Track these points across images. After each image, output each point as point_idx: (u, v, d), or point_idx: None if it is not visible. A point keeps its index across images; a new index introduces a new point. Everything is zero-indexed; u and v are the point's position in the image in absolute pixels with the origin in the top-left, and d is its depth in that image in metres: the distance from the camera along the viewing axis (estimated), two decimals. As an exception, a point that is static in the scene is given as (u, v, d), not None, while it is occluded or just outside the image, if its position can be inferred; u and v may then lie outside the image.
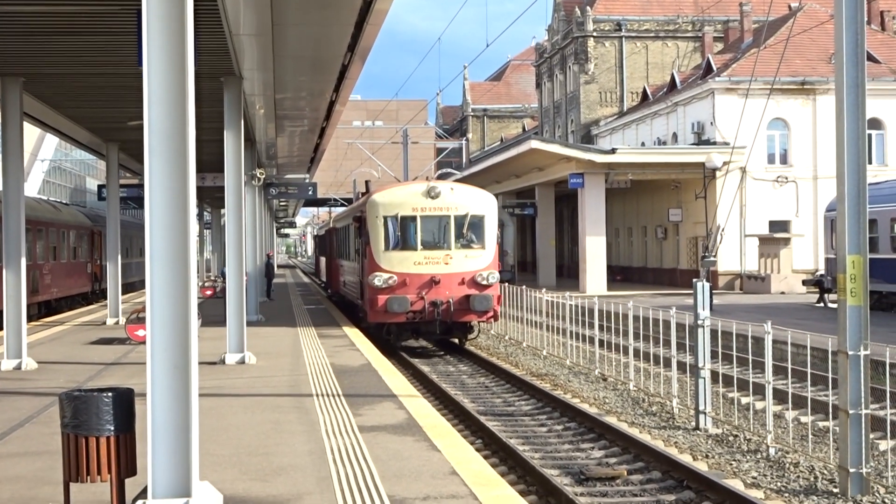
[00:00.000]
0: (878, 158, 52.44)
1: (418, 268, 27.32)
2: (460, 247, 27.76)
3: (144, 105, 8.77)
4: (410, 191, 28.69)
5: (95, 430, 8.81)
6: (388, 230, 27.91)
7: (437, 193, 27.89)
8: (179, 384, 8.80)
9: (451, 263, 27.44)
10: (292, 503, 9.73)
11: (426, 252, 27.56)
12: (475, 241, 28.04)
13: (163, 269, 8.85)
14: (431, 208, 27.79)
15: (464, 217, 27.89)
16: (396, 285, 27.13)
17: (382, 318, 27.39)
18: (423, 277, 27.18)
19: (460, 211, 27.93)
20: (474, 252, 27.85)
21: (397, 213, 27.86)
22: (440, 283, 27.02)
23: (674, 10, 74.22)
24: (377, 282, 27.12)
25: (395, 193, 28.89)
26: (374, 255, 27.71)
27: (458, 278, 27.31)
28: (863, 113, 13.21)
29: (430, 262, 27.31)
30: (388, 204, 28.13)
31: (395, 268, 27.38)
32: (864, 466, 12.91)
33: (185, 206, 8.83)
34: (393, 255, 27.68)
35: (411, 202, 27.94)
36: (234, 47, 19.32)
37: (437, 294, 26.98)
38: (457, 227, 27.80)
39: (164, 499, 8.73)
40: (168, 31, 8.78)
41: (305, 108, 30.08)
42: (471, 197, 28.79)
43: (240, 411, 15.15)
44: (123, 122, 28.38)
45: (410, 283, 27.12)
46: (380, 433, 13.21)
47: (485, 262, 27.85)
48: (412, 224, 27.89)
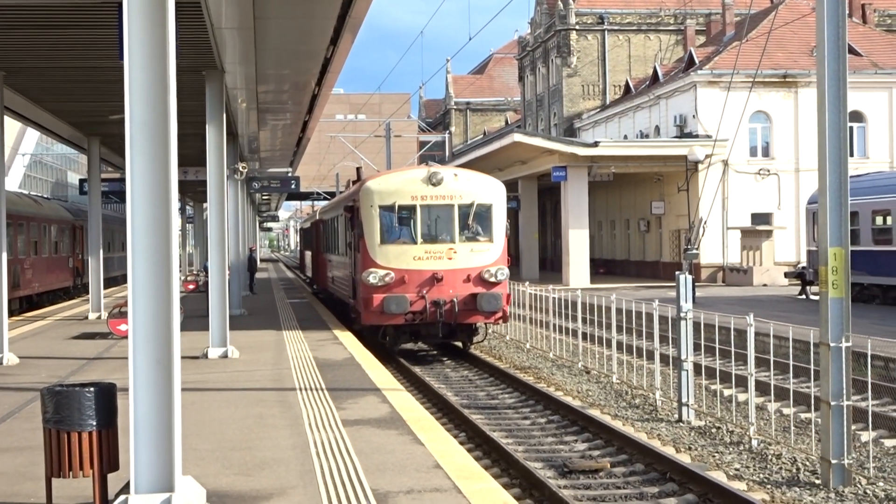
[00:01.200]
0: (860, 151, 52.64)
1: (418, 263, 24.60)
2: (465, 240, 25.02)
3: (126, 99, 8.73)
4: (409, 177, 25.75)
5: (77, 425, 8.79)
6: (383, 221, 24.99)
7: (439, 180, 24.99)
8: (162, 379, 8.78)
9: (454, 258, 24.74)
10: (276, 497, 9.72)
11: (427, 246, 24.80)
12: (482, 234, 25.27)
13: (145, 263, 8.83)
14: (433, 196, 24.96)
15: (469, 206, 25.07)
16: (394, 283, 24.34)
17: (378, 320, 24.59)
18: (424, 274, 24.49)
19: (465, 199, 25.15)
20: (481, 245, 25.10)
21: (394, 202, 24.91)
22: (443, 281, 24.39)
23: (656, 3, 74.29)
24: (372, 279, 24.33)
25: (391, 180, 25.88)
26: (368, 249, 24.82)
27: (462, 275, 24.63)
28: (844, 105, 13.26)
29: (432, 256, 24.64)
30: (383, 192, 25.12)
31: (391, 263, 24.57)
32: (846, 458, 12.97)
33: (166, 201, 8.80)
34: (390, 249, 24.80)
35: (410, 190, 25.05)
36: (216, 41, 19.26)
37: (439, 293, 24.36)
38: (461, 218, 25.02)
39: (146, 494, 8.71)
40: (149, 24, 8.74)
41: (288, 101, 30.00)
42: (477, 184, 25.85)
43: (223, 406, 15.11)
44: (105, 115, 28.25)
45: (409, 281, 24.40)
46: (363, 427, 13.20)
47: (492, 256, 25.06)
48: (411, 214, 25.03)
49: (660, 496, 12.47)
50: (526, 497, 12.21)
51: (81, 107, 27.99)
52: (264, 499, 9.66)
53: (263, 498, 9.69)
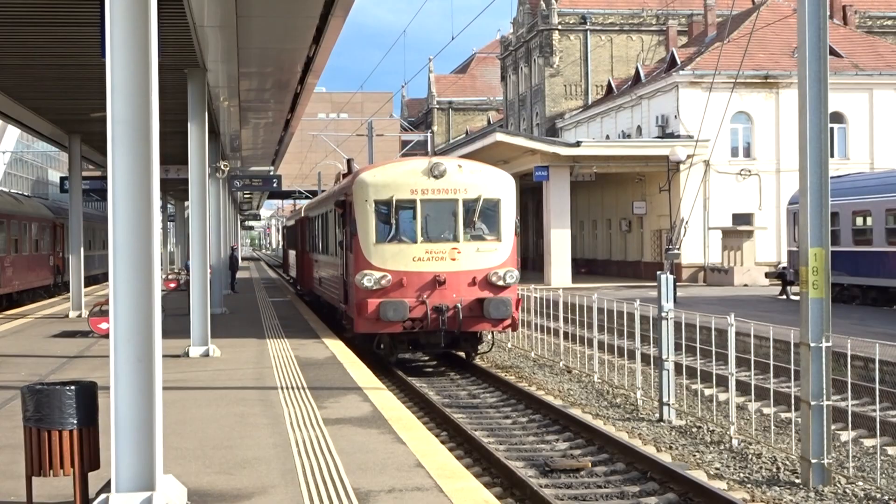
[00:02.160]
0: (840, 152, 52.83)
1: (418, 265, 22.42)
2: (470, 238, 22.82)
3: (108, 97, 8.70)
4: (408, 168, 23.45)
5: (58, 423, 8.76)
6: (379, 217, 22.81)
7: (441, 172, 22.72)
8: (143, 377, 8.76)
9: (458, 259, 22.51)
10: (257, 496, 9.71)
11: (428, 245, 22.58)
12: (489, 232, 23.05)
13: (126, 261, 8.80)
14: (435, 190, 22.73)
15: (475, 201, 22.80)
16: (391, 287, 22.11)
17: (373, 328, 22.36)
18: (425, 277, 22.28)
19: (470, 193, 22.89)
20: (488, 245, 22.90)
21: (392, 197, 22.57)
22: (446, 284, 22.17)
23: (638, 4, 74.43)
24: (367, 282, 22.04)
25: (388, 172, 23.51)
26: (362, 248, 22.59)
27: (467, 277, 22.45)
28: (825, 107, 13.33)
29: (434, 257, 22.46)
30: (380, 185, 22.89)
31: (388, 265, 22.35)
32: (825, 457, 13.03)
33: (148, 199, 8.78)
34: (386, 248, 22.59)
35: (409, 183, 22.79)
36: (198, 39, 19.22)
37: (441, 297, 22.13)
38: (466, 214, 22.80)
39: (127, 492, 8.69)
40: (131, 22, 8.72)
41: (270, 100, 29.97)
42: (483, 176, 23.52)
43: (204, 404, 15.08)
44: (86, 113, 28.18)
45: (408, 284, 22.20)
46: (345, 426, 13.19)
47: (500, 257, 22.87)
48: (411, 210, 22.79)
49: (640, 495, 12.50)
50: (507, 496, 12.22)
51: (63, 104, 27.91)
52: (245, 498, 9.65)
53: (245, 497, 9.68)
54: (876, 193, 34.37)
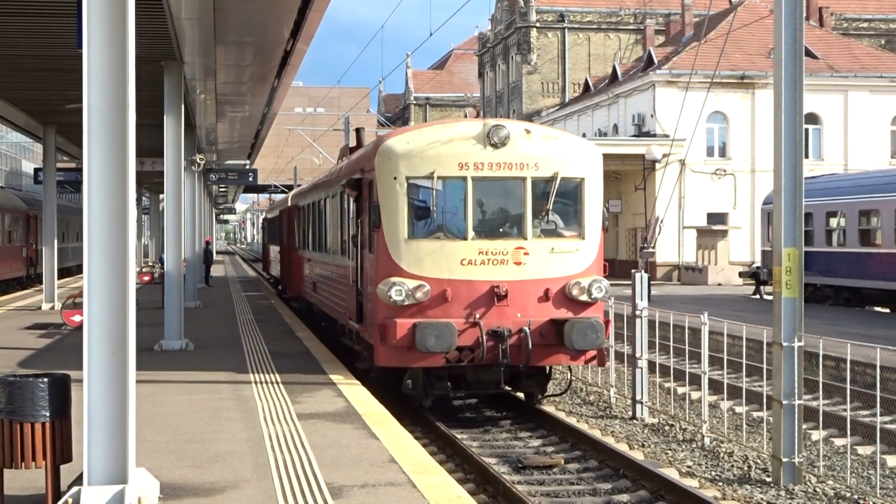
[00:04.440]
0: (815, 153, 53.19)
1: (469, 270, 15.94)
2: (542, 234, 16.47)
3: (84, 88, 8.66)
4: (455, 133, 16.58)
5: (30, 415, 8.73)
6: (415, 203, 16.44)
7: (503, 138, 16.20)
8: (117, 370, 8.72)
9: (526, 264, 16.10)
10: (230, 490, 9.70)
11: (483, 243, 16.11)
12: (568, 225, 16.71)
13: (100, 253, 8.76)
14: (493, 164, 16.24)
15: (549, 181, 16.39)
16: (429, 301, 15.77)
17: (402, 360, 15.90)
18: (477, 288, 15.88)
19: (543, 170, 16.38)
20: (566, 244, 16.44)
21: (432, 173, 16.15)
22: (507, 299, 15.84)
23: (616, 3, 74.66)
24: (395, 295, 15.68)
25: (427, 138, 16.62)
26: (388, 247, 16.15)
27: (537, 290, 16.06)
28: (800, 108, 13.41)
29: (491, 260, 16.02)
30: (415, 156, 16.30)
31: (426, 270, 15.97)
32: (796, 456, 13.12)
33: (123, 191, 8.75)
34: (423, 247, 16.12)
35: (457, 153, 16.23)
36: (176, 31, 19.16)
37: (501, 317, 15.76)
38: (537, 200, 16.40)
39: (99, 485, 8.66)
40: (108, 13, 8.68)
41: (247, 93, 29.91)
42: (561, 146, 16.87)
43: (177, 398, 15.05)
44: (62, 104, 28.03)
45: (454, 298, 15.82)
46: (318, 420, 13.18)
47: (584, 261, 16.42)
48: (459, 193, 16.36)
49: (612, 492, 12.56)
50: (480, 492, 12.23)
51: (38, 95, 27.76)
52: (218, 491, 9.64)
53: (217, 491, 9.67)
54: (849, 195, 34.61)
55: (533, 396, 17.39)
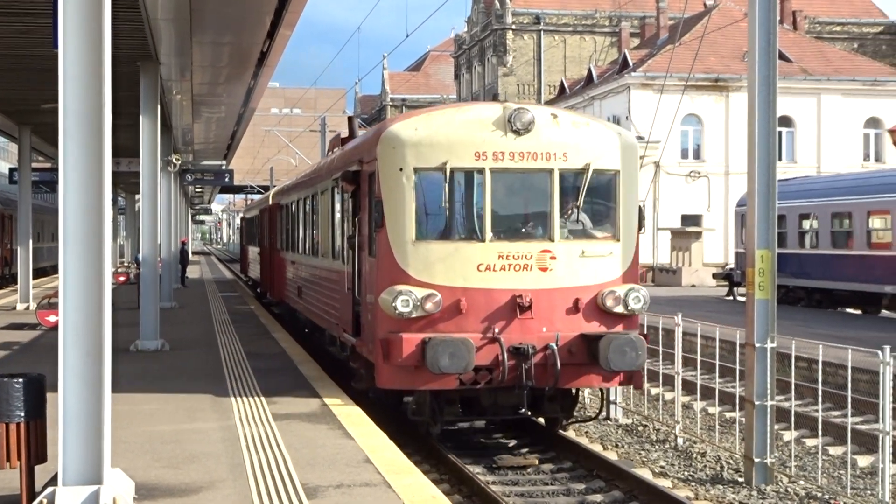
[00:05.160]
0: (788, 155, 53.57)
1: (487, 277, 13.47)
2: (571, 236, 13.98)
3: (60, 88, 8.64)
4: (471, 118, 14.02)
5: (5, 416, 8.70)
6: (424, 199, 13.83)
7: (526, 124, 13.63)
8: (92, 371, 8.70)
9: (552, 269, 13.61)
10: (205, 490, 9.68)
11: (503, 245, 13.60)
12: (600, 225, 14.27)
13: (76, 253, 8.74)
14: (515, 154, 13.67)
15: (579, 173, 13.95)
16: (441, 313, 13.29)
17: (410, 382, 13.43)
18: (497, 297, 13.40)
19: (573, 161, 13.90)
20: (598, 246, 13.98)
21: (445, 163, 13.56)
22: (531, 310, 13.36)
23: (592, 5, 74.89)
24: (401, 305, 13.17)
25: (438, 123, 14.06)
26: (393, 249, 13.59)
27: (566, 299, 13.61)
28: (774, 110, 13.50)
29: (512, 265, 13.51)
30: (425, 144, 13.69)
31: (437, 277, 13.44)
32: (768, 456, 13.20)
33: (99, 191, 8.73)
34: (434, 249, 13.61)
35: (474, 141, 13.66)
36: (152, 31, 19.11)
37: (524, 332, 13.34)
38: (566, 196, 14.02)
39: (74, 486, 8.64)
40: (84, 13, 8.66)
41: (223, 94, 29.84)
42: (592, 134, 14.33)
43: (153, 399, 14.99)
44: (38, 105, 27.87)
45: (470, 310, 13.34)
46: (293, 421, 13.17)
47: (618, 266, 14.00)
48: (476, 187, 13.86)
49: (586, 492, 12.60)
50: (454, 492, 12.24)
51: (13, 95, 27.62)
52: (193, 492, 9.63)
53: (193, 491, 9.65)
54: (822, 197, 34.82)
55: (556, 422, 14.69)
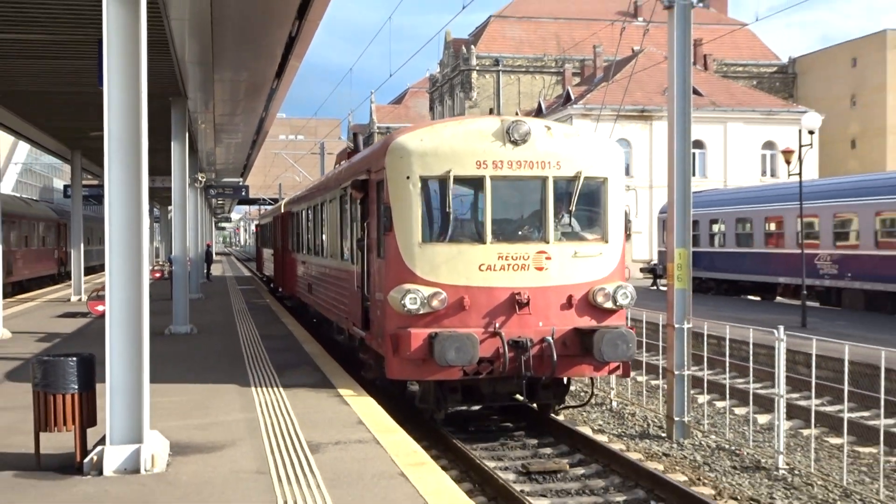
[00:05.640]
0: (700, 172, 53.83)
1: (488, 276, 12.35)
2: (564, 238, 12.76)
3: (105, 118, 8.62)
4: (472, 130, 12.74)
5: (62, 388, 8.68)
6: (429, 204, 12.65)
7: (524, 135, 12.52)
8: (133, 350, 8.68)
9: (548, 269, 12.50)
10: (227, 447, 9.65)
11: (503, 247, 12.44)
12: (591, 228, 13.01)
13: (119, 255, 8.72)
14: (514, 163, 12.54)
15: (572, 180, 12.73)
16: (447, 309, 12.22)
17: (417, 373, 12.28)
18: (497, 295, 12.30)
19: (566, 169, 12.70)
20: (589, 247, 12.78)
21: (448, 172, 12.36)
22: (529, 307, 12.28)
23: (541, 50, 75.02)
24: (409, 303, 12.09)
25: (442, 135, 12.75)
26: (401, 251, 12.43)
27: (559, 296, 12.50)
28: (689, 135, 13.62)
29: (511, 265, 12.41)
30: (429, 154, 12.51)
31: (442, 276, 12.32)
32: (686, 416, 13.29)
33: (138, 203, 8.71)
34: (439, 251, 12.41)
35: (475, 151, 12.51)
36: (181, 72, 19.01)
37: (522, 326, 12.25)
38: (559, 201, 12.73)
39: (119, 445, 8.63)
40: (125, 56, 8.63)
41: (240, 123, 29.72)
42: (583, 144, 13.05)
43: (184, 373, 14.92)
44: (86, 132, 27.69)
45: (472, 306, 12.25)
46: (299, 390, 13.14)
47: (607, 266, 12.83)
48: (477, 193, 12.68)
49: (538, 447, 12.61)
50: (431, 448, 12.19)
51: (66, 124, 27.43)
52: (218, 448, 9.59)
53: (218, 448, 9.62)
54: (728, 205, 35.18)
55: (548, 407, 13.53)
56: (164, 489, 8.15)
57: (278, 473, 8.65)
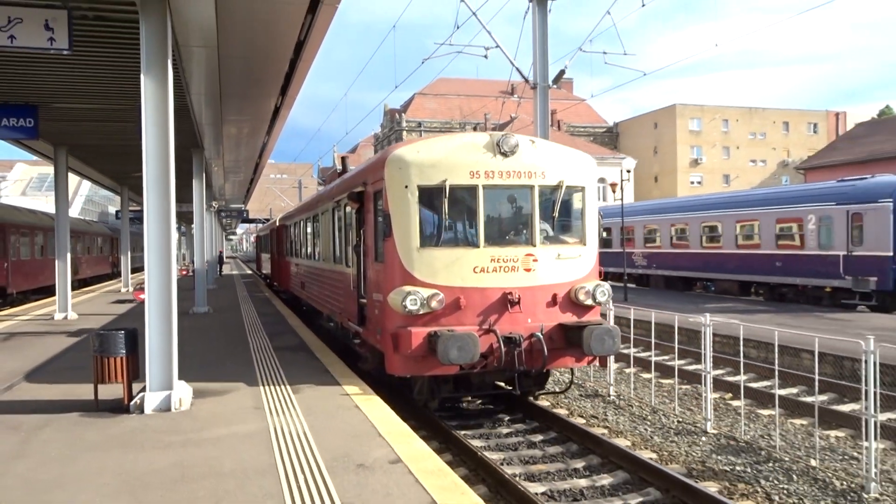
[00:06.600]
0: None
1: (481, 278, 9.71)
2: (547, 241, 10.14)
3: (143, 163, 8.41)
4: (464, 143, 10.01)
5: (114, 352, 8.45)
6: (427, 212, 9.82)
7: (512, 147, 9.96)
8: (165, 325, 8.48)
9: (535, 270, 9.93)
10: (233, 392, 9.46)
11: (495, 250, 9.81)
12: (571, 232, 10.44)
13: (155, 259, 8.52)
14: (503, 173, 9.93)
15: (555, 189, 10.17)
16: (444, 309, 9.52)
17: (418, 370, 9.45)
18: (490, 295, 9.68)
19: (549, 178, 10.15)
20: (570, 250, 10.25)
21: (444, 181, 9.64)
22: (520, 305, 9.70)
23: (449, 117, 75.36)
24: (410, 304, 9.34)
25: (437, 148, 9.92)
26: (401, 255, 9.66)
27: (545, 295, 9.96)
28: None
29: (502, 267, 9.82)
30: (426, 165, 9.75)
31: (440, 278, 9.61)
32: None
33: (167, 223, 8.52)
34: (437, 255, 9.67)
35: (468, 162, 9.83)
36: (199, 130, 18.57)
37: (513, 323, 9.69)
38: (544, 208, 10.18)
39: (156, 391, 8.42)
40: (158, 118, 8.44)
41: (242, 166, 29.13)
42: (563, 156, 10.40)
43: (202, 339, 14.57)
44: (131, 172, 26.85)
45: (468, 306, 9.60)
46: (284, 351, 12.95)
47: (585, 266, 10.30)
48: (471, 201, 9.85)
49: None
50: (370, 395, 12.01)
51: (116, 167, 26.53)
52: (227, 392, 9.40)
53: (226, 392, 9.43)
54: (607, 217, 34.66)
55: (529, 393, 10.88)
56: (188, 420, 7.96)
57: (269, 408, 8.52)
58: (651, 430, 10.14)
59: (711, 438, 9.60)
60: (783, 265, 22.12)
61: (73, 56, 11.44)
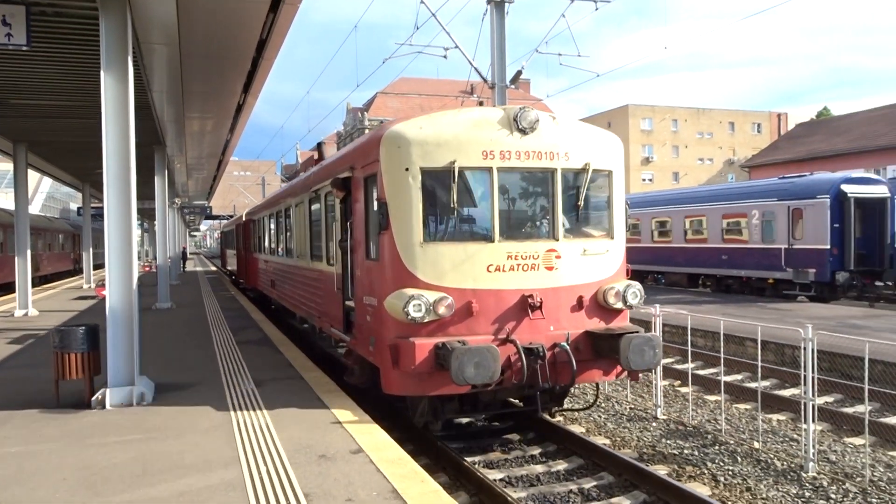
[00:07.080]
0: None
1: (496, 278, 7.32)
2: (571, 234, 7.71)
3: (104, 160, 8.23)
4: (476, 118, 7.46)
5: (74, 348, 8.26)
6: (431, 200, 7.29)
7: (531, 124, 7.47)
8: (126, 320, 8.33)
9: (558, 269, 7.54)
10: (196, 385, 9.32)
11: (512, 245, 7.42)
12: (597, 224, 7.96)
13: (116, 255, 8.36)
14: (521, 153, 7.45)
15: (580, 173, 7.77)
16: (454, 316, 7.16)
17: (422, 389, 7.10)
18: (506, 298, 7.32)
19: (574, 161, 7.71)
20: (597, 244, 7.84)
21: (452, 163, 7.21)
22: (542, 309, 7.38)
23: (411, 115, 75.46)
24: (414, 310, 7.00)
25: (443, 123, 7.40)
26: (400, 251, 7.22)
27: (570, 297, 7.60)
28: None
29: (521, 265, 7.38)
30: (430, 144, 7.26)
31: (447, 279, 7.19)
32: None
33: (128, 219, 8.35)
34: (443, 251, 7.24)
35: (481, 140, 7.35)
36: (161, 127, 18.20)
37: (533, 332, 7.36)
38: (568, 195, 7.73)
39: (117, 387, 8.25)
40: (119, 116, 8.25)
41: (205, 164, 28.63)
42: (590, 136, 7.93)
43: (165, 334, 14.31)
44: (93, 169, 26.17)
45: (481, 311, 7.24)
46: (248, 345, 12.80)
47: (613, 264, 7.96)
48: (484, 186, 7.40)
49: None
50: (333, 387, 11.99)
51: (78, 164, 25.85)
52: (190, 387, 9.26)
53: (189, 386, 9.29)
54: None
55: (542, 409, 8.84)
56: (151, 415, 7.82)
57: (232, 401, 8.41)
58: (605, 416, 10.29)
59: (661, 424, 9.79)
60: (729, 258, 22.65)
61: (32, 52, 11.14)
